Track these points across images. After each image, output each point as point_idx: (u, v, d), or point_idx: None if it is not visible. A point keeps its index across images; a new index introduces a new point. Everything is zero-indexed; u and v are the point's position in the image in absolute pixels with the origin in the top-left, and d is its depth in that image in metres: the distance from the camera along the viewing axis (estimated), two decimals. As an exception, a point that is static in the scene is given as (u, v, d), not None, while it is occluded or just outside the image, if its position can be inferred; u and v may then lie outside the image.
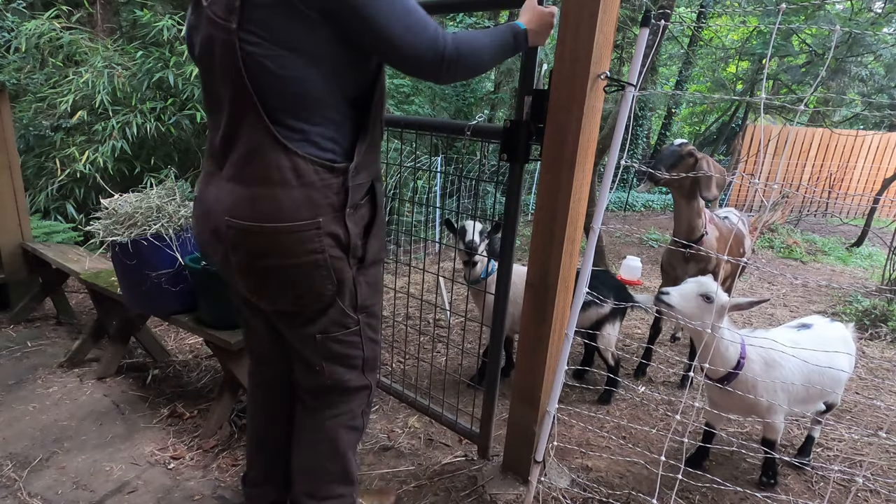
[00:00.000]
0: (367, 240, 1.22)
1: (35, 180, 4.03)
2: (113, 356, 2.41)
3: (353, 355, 1.32)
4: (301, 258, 1.13)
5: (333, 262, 1.16)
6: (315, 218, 1.11)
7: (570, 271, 1.60)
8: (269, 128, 1.06)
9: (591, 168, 1.53)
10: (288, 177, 1.08)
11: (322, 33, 1.03)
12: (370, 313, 1.32)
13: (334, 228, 1.14)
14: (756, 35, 8.32)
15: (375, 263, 1.28)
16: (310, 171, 1.09)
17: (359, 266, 1.23)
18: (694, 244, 2.38)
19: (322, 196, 1.11)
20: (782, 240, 6.57)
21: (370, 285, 1.28)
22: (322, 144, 1.10)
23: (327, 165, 1.11)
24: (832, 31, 1.18)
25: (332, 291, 1.20)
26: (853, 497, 1.90)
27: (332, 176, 1.12)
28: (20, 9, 4.52)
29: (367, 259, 1.23)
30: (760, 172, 7.45)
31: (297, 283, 1.17)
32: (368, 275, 1.27)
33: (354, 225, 1.17)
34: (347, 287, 1.22)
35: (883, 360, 3.19)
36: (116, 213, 1.99)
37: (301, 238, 1.11)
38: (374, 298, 1.31)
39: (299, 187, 1.09)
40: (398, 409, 2.28)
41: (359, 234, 1.19)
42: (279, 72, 1.03)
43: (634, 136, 9.62)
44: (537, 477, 1.70)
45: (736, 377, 1.69)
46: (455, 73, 1.11)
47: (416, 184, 5.35)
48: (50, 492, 1.72)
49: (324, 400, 1.36)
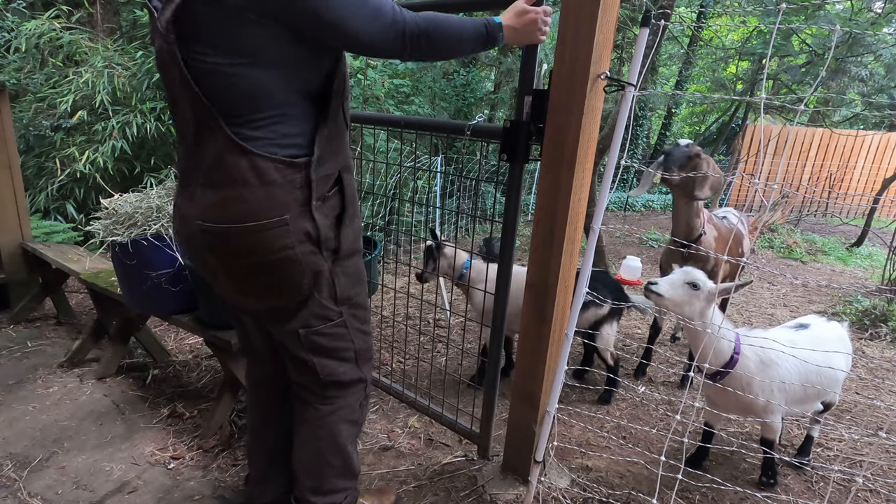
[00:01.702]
0: (339, 230, 1.21)
1: (35, 180, 4.03)
2: (113, 356, 2.41)
3: (343, 347, 1.32)
4: (273, 256, 1.14)
5: (306, 256, 1.16)
6: (282, 215, 1.11)
7: (570, 271, 1.60)
8: (226, 132, 1.07)
9: (591, 168, 1.53)
10: (249, 177, 1.09)
11: (273, 37, 1.04)
12: (354, 304, 1.31)
13: (303, 223, 1.14)
14: (756, 35, 8.32)
15: (352, 254, 1.28)
16: (270, 169, 1.09)
17: (334, 258, 1.22)
18: (693, 244, 2.38)
19: (285, 193, 1.11)
20: (782, 240, 6.57)
21: (349, 276, 1.27)
22: (281, 142, 1.11)
23: (287, 161, 1.11)
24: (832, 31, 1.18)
25: (308, 286, 1.20)
26: (853, 497, 1.90)
27: (294, 171, 1.12)
28: (20, 9, 4.52)
29: (342, 250, 1.23)
30: (760, 172, 7.45)
31: (274, 281, 1.19)
32: (346, 266, 1.26)
33: (324, 217, 1.17)
34: (324, 280, 1.22)
35: (883, 360, 3.19)
36: (116, 213, 1.99)
37: (270, 236, 1.12)
38: (355, 289, 1.31)
39: (262, 186, 1.10)
40: (398, 409, 2.28)
41: (329, 225, 1.19)
42: (230, 78, 1.05)
43: (634, 136, 9.62)
44: (537, 477, 1.70)
45: (729, 374, 1.69)
46: (419, 50, 1.13)
47: (416, 184, 5.35)
48: (50, 492, 1.72)
49: (321, 395, 1.36)
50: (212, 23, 1.02)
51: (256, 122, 1.09)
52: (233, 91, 1.06)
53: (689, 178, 2.32)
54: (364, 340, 1.37)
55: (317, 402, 1.37)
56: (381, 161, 4.08)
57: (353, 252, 1.28)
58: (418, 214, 5.22)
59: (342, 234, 1.22)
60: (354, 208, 1.26)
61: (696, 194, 2.36)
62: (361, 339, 1.35)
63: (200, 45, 1.04)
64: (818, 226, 8.22)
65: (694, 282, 1.65)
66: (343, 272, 1.25)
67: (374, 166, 2.44)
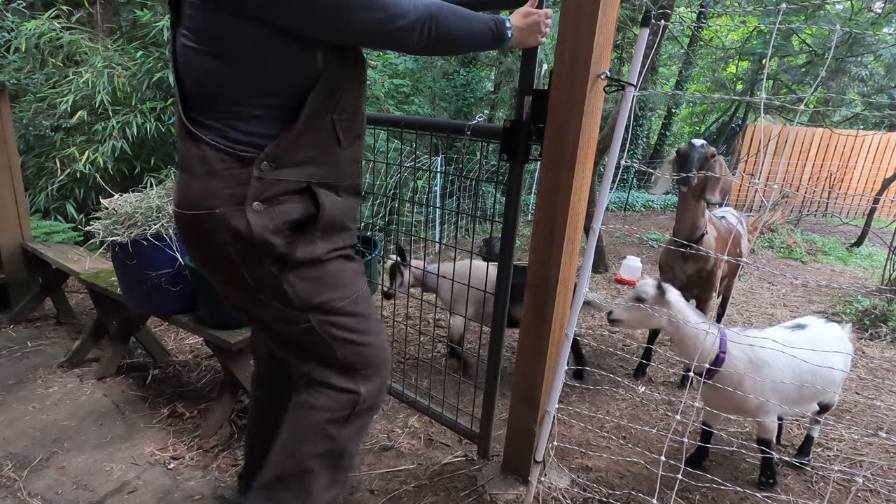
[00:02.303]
0: (296, 240, 1.12)
1: (35, 180, 4.03)
2: (113, 356, 2.41)
3: (321, 353, 1.21)
4: (211, 250, 1.11)
5: (239, 257, 1.10)
6: (212, 209, 1.06)
7: (570, 271, 1.60)
8: (181, 116, 1.08)
9: (591, 168, 1.53)
10: (196, 165, 1.07)
11: (245, 34, 1.01)
12: (329, 310, 1.18)
13: (233, 221, 1.06)
14: (756, 35, 8.32)
15: (318, 262, 1.16)
16: (215, 158, 1.06)
17: (282, 265, 1.12)
18: (693, 244, 2.38)
19: (224, 186, 1.06)
20: (782, 240, 6.57)
21: (315, 280, 1.16)
22: (236, 136, 1.06)
23: (234, 154, 1.06)
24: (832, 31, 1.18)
25: (250, 287, 1.14)
26: (853, 497, 1.90)
27: (240, 166, 1.06)
28: (20, 9, 4.52)
29: (293, 259, 1.12)
30: (760, 172, 7.45)
31: (222, 276, 1.17)
32: (307, 272, 1.15)
33: (267, 220, 1.08)
34: (269, 285, 1.13)
35: (883, 360, 3.19)
36: (116, 213, 1.99)
37: (204, 228, 1.09)
38: (328, 294, 1.18)
39: (204, 175, 1.07)
40: (398, 409, 2.28)
41: (273, 230, 1.08)
42: (197, 63, 1.04)
43: (634, 136, 9.61)
44: (537, 477, 1.70)
45: (717, 373, 1.69)
46: (429, 43, 1.11)
47: (416, 184, 5.35)
48: (50, 492, 1.72)
49: (305, 388, 1.25)
50: (194, 8, 1.02)
51: (214, 113, 1.07)
52: (196, 76, 1.06)
53: (702, 179, 2.32)
54: (354, 352, 1.22)
55: (301, 389, 1.26)
56: (381, 161, 4.08)
57: (318, 260, 1.16)
58: (418, 214, 5.22)
59: (301, 245, 1.12)
60: (332, 225, 1.17)
61: (708, 197, 2.36)
62: (349, 350, 1.21)
63: (183, 26, 1.05)
64: (818, 226, 8.22)
65: (638, 296, 1.77)
66: (301, 277, 1.14)
67: (374, 166, 2.44)
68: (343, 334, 1.20)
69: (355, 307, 1.22)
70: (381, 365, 1.28)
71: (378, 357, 1.27)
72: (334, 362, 1.22)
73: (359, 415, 1.24)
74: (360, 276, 1.26)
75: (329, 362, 1.22)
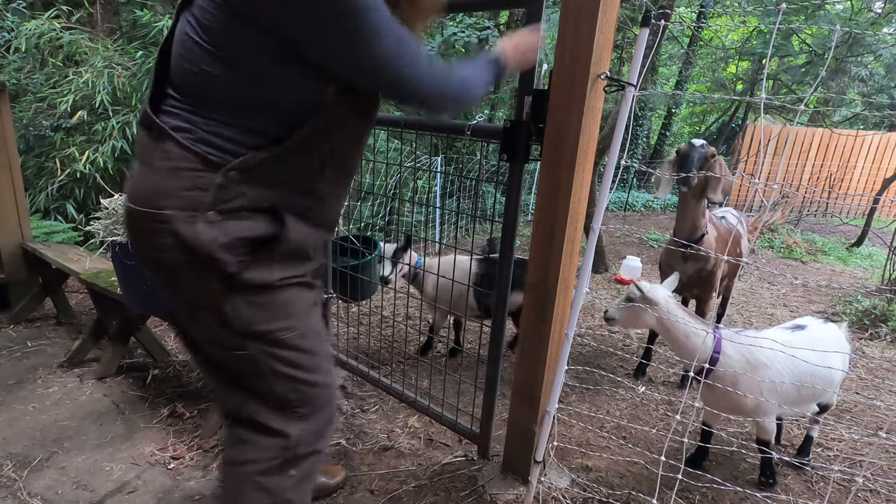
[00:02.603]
0: (246, 259, 1.00)
1: (35, 180, 4.03)
2: (113, 356, 2.41)
3: (254, 386, 1.08)
4: (153, 252, 1.01)
5: (182, 267, 0.99)
6: (161, 209, 0.95)
7: (570, 271, 1.60)
8: (150, 104, 1.00)
9: (591, 168, 1.53)
10: (155, 159, 0.98)
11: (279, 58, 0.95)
12: (273, 342, 1.05)
13: (181, 228, 0.95)
14: (756, 35, 8.32)
15: (269, 288, 1.04)
16: (178, 156, 0.96)
17: (227, 285, 1.00)
18: (694, 244, 2.38)
19: (182, 186, 0.96)
20: (782, 240, 6.57)
21: (263, 307, 1.03)
22: (204, 137, 0.97)
23: (200, 155, 0.96)
24: (832, 31, 1.18)
25: (188, 300, 1.05)
26: (853, 497, 1.90)
27: (205, 169, 0.96)
28: (20, 9, 4.52)
29: (241, 280, 1.00)
30: (760, 172, 7.45)
31: (159, 277, 1.06)
32: (255, 297, 1.03)
33: (222, 234, 0.96)
34: (209, 304, 1.02)
35: (883, 360, 3.19)
36: (116, 213, 1.99)
37: (150, 228, 0.98)
38: (275, 324, 1.05)
39: (162, 172, 0.97)
40: (398, 409, 2.28)
41: (224, 245, 0.97)
42: (188, 54, 0.96)
43: (634, 136, 9.61)
44: (537, 477, 1.70)
45: (713, 372, 1.69)
46: (455, 108, 1.12)
47: (416, 184, 5.35)
48: (50, 492, 1.72)
49: (234, 432, 1.13)
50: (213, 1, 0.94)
51: (192, 109, 0.98)
52: (189, 70, 0.97)
53: (703, 179, 2.32)
54: (294, 388, 1.08)
55: (229, 441, 1.14)
56: (381, 161, 4.08)
57: (270, 286, 1.04)
58: (418, 214, 5.22)
59: (254, 266, 1.01)
60: (294, 252, 1.06)
61: (710, 196, 2.36)
62: (288, 386, 1.08)
63: (192, 14, 0.96)
64: (818, 226, 8.22)
65: (628, 296, 1.82)
66: (247, 302, 1.02)
67: (374, 166, 2.44)
68: (284, 369, 1.07)
69: (303, 341, 1.09)
70: (323, 405, 1.15)
71: (320, 397, 1.14)
72: (268, 397, 1.09)
73: (295, 461, 1.11)
74: (315, 309, 1.14)
75: (262, 396, 1.09)
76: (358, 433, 2.09)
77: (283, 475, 1.10)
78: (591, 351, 3.07)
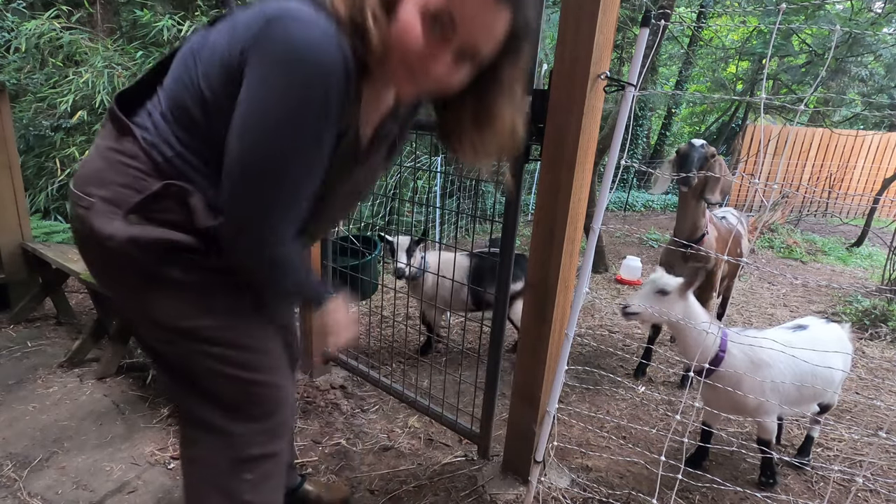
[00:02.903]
0: (169, 257, 0.94)
1: (35, 180, 4.03)
2: (113, 356, 2.41)
3: (201, 386, 1.03)
4: (76, 238, 0.98)
5: (98, 262, 0.98)
6: (89, 195, 0.92)
7: (570, 271, 1.60)
8: (123, 96, 0.97)
9: (591, 168, 1.53)
10: (108, 147, 0.94)
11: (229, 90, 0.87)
12: (204, 339, 0.99)
13: (96, 219, 0.91)
14: (756, 35, 8.32)
15: (198, 284, 0.98)
16: (129, 151, 0.91)
17: (148, 278, 0.94)
18: (694, 244, 2.38)
19: (118, 181, 0.91)
20: (782, 240, 6.57)
21: (189, 302, 0.97)
22: (164, 148, 0.91)
23: (153, 159, 0.91)
24: (832, 31, 1.18)
25: (116, 297, 1.02)
26: (853, 497, 1.90)
27: (150, 174, 0.91)
28: (20, 9, 4.53)
29: (163, 275, 0.94)
30: (760, 172, 7.45)
31: (90, 270, 1.02)
32: (179, 292, 0.97)
33: (140, 233, 0.91)
34: (132, 298, 0.99)
35: (883, 360, 3.19)
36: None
37: (74, 213, 0.95)
38: (205, 320, 0.98)
39: (106, 160, 0.93)
40: (398, 409, 2.28)
41: (142, 245, 0.91)
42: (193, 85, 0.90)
43: (634, 136, 9.61)
44: (537, 477, 1.70)
45: (716, 372, 1.70)
46: (258, 271, 0.95)
47: (416, 184, 5.35)
48: (50, 492, 1.72)
49: (184, 431, 1.10)
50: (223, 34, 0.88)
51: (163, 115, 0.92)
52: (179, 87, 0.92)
53: (702, 180, 2.32)
54: (241, 390, 1.03)
55: (181, 442, 1.12)
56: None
57: (194, 282, 0.98)
58: (418, 214, 5.22)
59: (179, 264, 0.95)
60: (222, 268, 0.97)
61: (708, 197, 2.36)
62: (230, 386, 1.02)
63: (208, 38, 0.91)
64: (818, 226, 8.22)
65: (662, 289, 1.73)
66: (170, 296, 0.96)
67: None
68: (221, 367, 1.01)
69: (241, 338, 1.02)
70: (275, 406, 1.09)
71: (270, 396, 1.08)
72: (210, 396, 1.04)
73: (249, 463, 1.06)
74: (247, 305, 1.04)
75: (204, 395, 1.04)
76: (358, 433, 2.09)
77: (237, 477, 1.06)
78: (591, 351, 3.07)
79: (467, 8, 0.81)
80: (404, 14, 0.83)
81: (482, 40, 0.85)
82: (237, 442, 1.05)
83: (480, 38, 0.85)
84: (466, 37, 0.84)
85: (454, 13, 0.81)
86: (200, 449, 1.07)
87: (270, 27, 0.80)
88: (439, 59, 0.85)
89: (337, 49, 0.80)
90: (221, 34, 0.88)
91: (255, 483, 1.08)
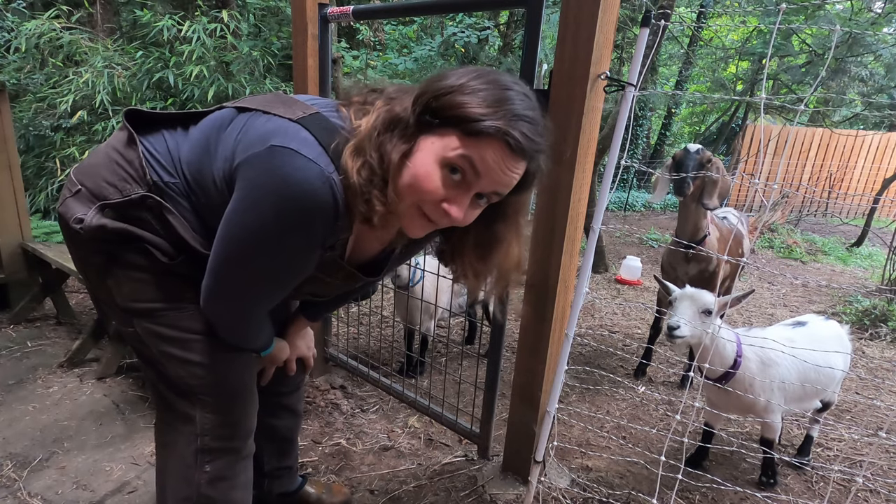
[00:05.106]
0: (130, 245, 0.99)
1: (35, 180, 4.03)
2: (113, 356, 2.41)
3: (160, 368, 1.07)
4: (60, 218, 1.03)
5: (69, 241, 1.03)
6: (80, 184, 0.99)
7: (570, 271, 1.60)
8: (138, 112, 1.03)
9: (591, 168, 1.53)
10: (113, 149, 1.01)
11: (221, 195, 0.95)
12: (157, 319, 1.03)
13: (73, 203, 0.98)
14: (756, 35, 8.32)
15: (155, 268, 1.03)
16: (134, 162, 0.98)
17: (109, 259, 1.00)
18: (696, 245, 2.38)
19: (108, 178, 0.98)
20: (782, 240, 6.57)
21: (143, 283, 1.01)
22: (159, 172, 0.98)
23: (145, 171, 0.97)
24: (832, 31, 1.18)
25: (83, 276, 1.08)
26: (853, 497, 1.90)
27: (137, 182, 0.97)
28: (20, 9, 4.53)
29: (122, 258, 1.00)
30: (760, 172, 7.45)
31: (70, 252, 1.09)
32: (136, 273, 1.01)
33: (108, 222, 0.96)
34: (94, 277, 1.04)
35: (883, 360, 3.19)
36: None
37: (64, 198, 1.02)
38: (159, 303, 1.02)
39: (108, 159, 1.00)
40: (398, 409, 2.28)
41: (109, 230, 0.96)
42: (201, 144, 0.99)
43: (634, 136, 9.61)
44: (537, 477, 1.70)
45: (733, 376, 1.70)
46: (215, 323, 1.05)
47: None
48: (50, 492, 1.72)
49: (159, 414, 1.16)
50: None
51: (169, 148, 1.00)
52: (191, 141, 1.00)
53: (699, 185, 2.32)
54: (190, 373, 1.05)
55: (156, 427, 1.18)
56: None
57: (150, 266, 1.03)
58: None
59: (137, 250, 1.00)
60: None
61: (705, 202, 2.35)
62: (183, 370, 1.05)
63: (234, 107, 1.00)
64: (818, 226, 8.22)
65: (706, 309, 1.67)
66: (128, 277, 1.01)
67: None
68: (173, 350, 1.04)
69: (194, 323, 1.04)
70: (230, 396, 1.11)
71: (223, 385, 1.10)
72: (169, 380, 1.08)
73: (208, 454, 1.10)
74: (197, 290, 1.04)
75: (167, 379, 1.08)
76: (358, 433, 2.09)
77: (198, 468, 1.10)
78: (591, 351, 3.07)
79: (488, 161, 0.84)
80: (421, 164, 0.86)
81: (501, 188, 0.89)
82: (199, 429, 1.09)
83: (499, 186, 0.88)
84: (487, 185, 0.87)
85: (476, 163, 0.85)
86: (170, 433, 1.13)
87: (271, 156, 0.85)
88: (458, 203, 0.88)
89: (328, 193, 0.85)
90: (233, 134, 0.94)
91: (213, 480, 1.11)
